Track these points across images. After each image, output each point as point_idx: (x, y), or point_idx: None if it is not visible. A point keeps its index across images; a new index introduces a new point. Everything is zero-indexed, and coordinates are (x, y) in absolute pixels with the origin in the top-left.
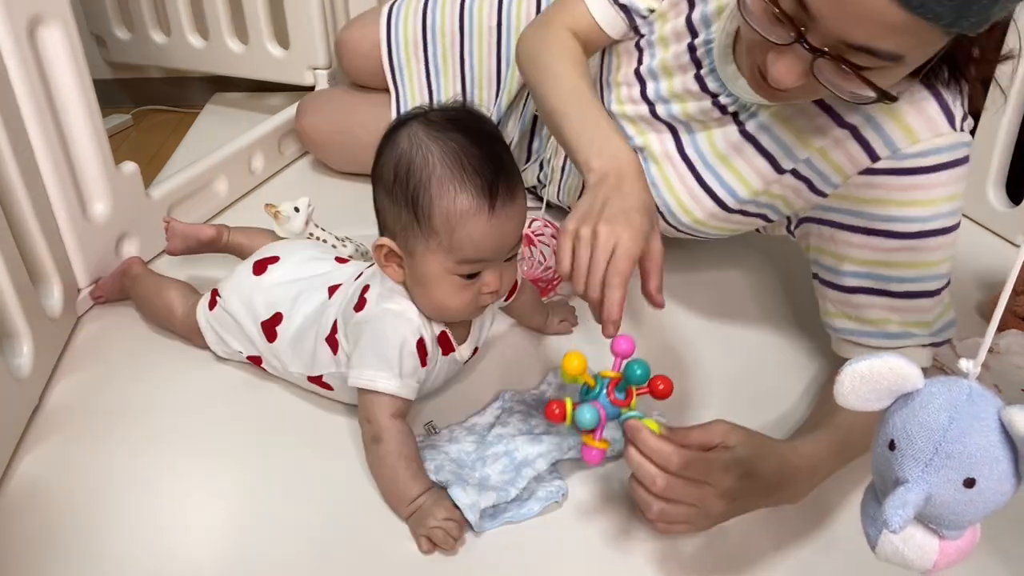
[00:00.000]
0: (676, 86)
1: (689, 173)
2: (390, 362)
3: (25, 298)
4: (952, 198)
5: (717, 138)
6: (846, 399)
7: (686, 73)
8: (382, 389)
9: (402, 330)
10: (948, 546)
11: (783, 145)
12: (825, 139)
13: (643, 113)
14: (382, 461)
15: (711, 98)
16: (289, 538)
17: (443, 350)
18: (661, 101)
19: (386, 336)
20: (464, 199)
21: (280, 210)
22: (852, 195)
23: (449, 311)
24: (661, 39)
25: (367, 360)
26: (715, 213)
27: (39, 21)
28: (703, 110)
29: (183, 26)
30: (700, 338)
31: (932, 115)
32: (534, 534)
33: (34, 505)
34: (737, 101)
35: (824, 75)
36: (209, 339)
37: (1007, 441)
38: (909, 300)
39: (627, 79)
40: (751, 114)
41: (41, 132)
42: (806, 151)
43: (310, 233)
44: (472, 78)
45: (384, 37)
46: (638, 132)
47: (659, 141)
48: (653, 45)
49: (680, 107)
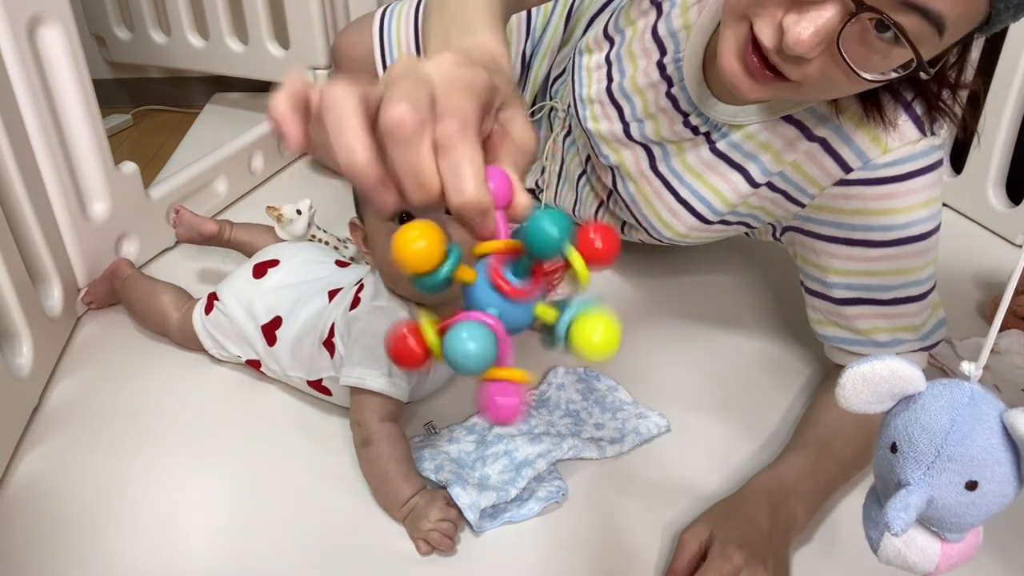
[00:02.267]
0: (650, 105)
1: (665, 189)
2: (379, 360)
3: (25, 298)
4: (928, 203)
5: (690, 156)
6: (848, 402)
7: (657, 90)
8: (371, 387)
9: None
10: (950, 549)
11: (756, 160)
12: (797, 153)
13: (617, 133)
14: (372, 464)
15: (683, 117)
16: (288, 539)
17: None
18: (634, 120)
19: (375, 333)
20: None
21: (282, 212)
22: (829, 206)
23: (403, 277)
24: (629, 53)
25: (356, 358)
26: (695, 226)
27: (39, 21)
28: (675, 131)
29: (183, 26)
30: (692, 342)
31: (900, 123)
32: (534, 534)
33: (34, 505)
34: (708, 122)
35: (850, 43)
36: (206, 344)
37: (1009, 444)
38: (896, 306)
39: (599, 96)
40: (723, 134)
41: (41, 132)
42: (779, 165)
43: (312, 235)
44: None
45: (377, 42)
46: (612, 150)
47: (633, 159)
48: (622, 59)
49: (653, 127)
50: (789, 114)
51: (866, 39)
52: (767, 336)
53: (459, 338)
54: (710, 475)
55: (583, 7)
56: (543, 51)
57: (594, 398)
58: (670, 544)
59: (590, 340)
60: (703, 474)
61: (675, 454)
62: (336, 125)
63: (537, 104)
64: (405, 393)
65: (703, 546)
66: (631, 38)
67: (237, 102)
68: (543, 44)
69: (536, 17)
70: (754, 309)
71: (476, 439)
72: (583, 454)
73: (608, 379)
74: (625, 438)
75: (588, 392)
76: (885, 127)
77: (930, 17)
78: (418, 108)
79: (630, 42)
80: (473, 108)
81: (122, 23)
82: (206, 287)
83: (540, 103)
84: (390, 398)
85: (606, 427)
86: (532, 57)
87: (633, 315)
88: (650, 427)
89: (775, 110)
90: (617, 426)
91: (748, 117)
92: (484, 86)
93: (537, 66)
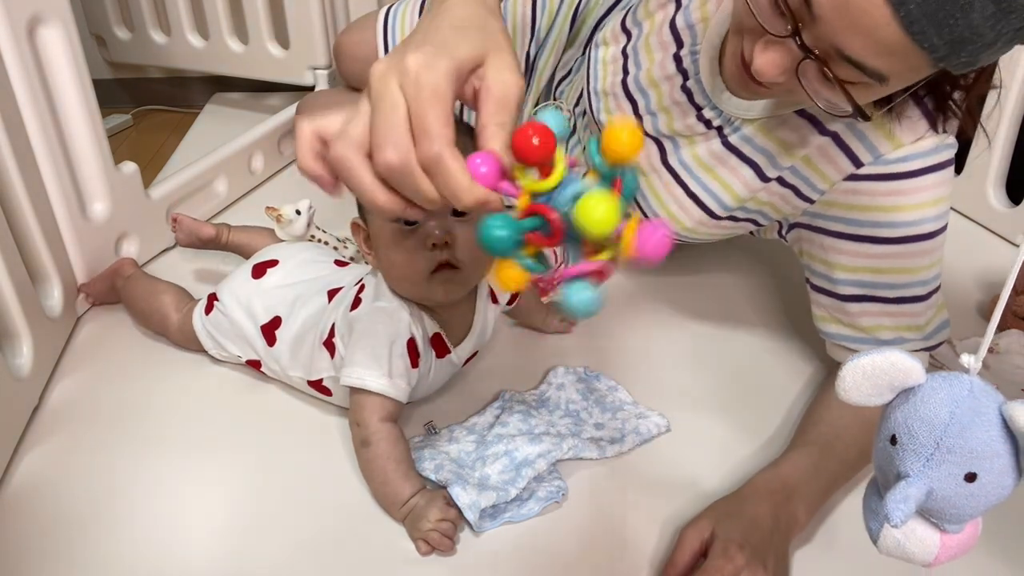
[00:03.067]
0: (664, 99)
1: (675, 182)
2: (379, 360)
3: (25, 298)
4: (937, 201)
5: (701, 150)
6: (848, 394)
7: (672, 83)
8: (371, 388)
9: (392, 328)
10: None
11: (767, 155)
12: (808, 147)
13: None
14: (371, 464)
15: (696, 111)
16: (289, 539)
17: (437, 352)
18: (648, 114)
19: (376, 333)
20: None
21: (282, 213)
22: (838, 201)
23: (408, 278)
24: (647, 46)
25: (356, 358)
26: (703, 221)
27: (39, 21)
28: (687, 124)
29: (183, 26)
30: (692, 341)
31: (914, 120)
32: (534, 534)
33: (34, 505)
34: (722, 115)
35: (807, 77)
36: (206, 345)
37: (1008, 436)
38: (900, 305)
39: (614, 90)
40: (735, 128)
41: (41, 132)
42: (790, 160)
43: (312, 235)
44: None
45: (381, 41)
46: None
47: (645, 155)
48: (638, 52)
49: (666, 120)
50: (802, 108)
51: (821, 75)
52: (768, 335)
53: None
54: (710, 475)
55: (589, 8)
56: (548, 52)
57: (594, 398)
58: (670, 543)
59: (591, 215)
60: (703, 474)
61: (675, 454)
62: (352, 180)
63: (541, 104)
64: (405, 394)
65: (704, 543)
66: (649, 31)
67: (237, 102)
68: (548, 45)
69: (541, 18)
70: (755, 307)
71: (476, 439)
72: (583, 454)
73: (608, 379)
74: (625, 438)
75: (588, 392)
76: (894, 119)
77: (867, 71)
78: (399, 147)
79: (647, 35)
80: (442, 116)
81: (122, 23)
82: (206, 287)
83: (544, 103)
84: (389, 398)
85: (606, 427)
86: (537, 58)
87: (634, 314)
88: (650, 427)
89: (787, 104)
90: (617, 426)
91: (760, 111)
92: (448, 74)
93: (542, 67)
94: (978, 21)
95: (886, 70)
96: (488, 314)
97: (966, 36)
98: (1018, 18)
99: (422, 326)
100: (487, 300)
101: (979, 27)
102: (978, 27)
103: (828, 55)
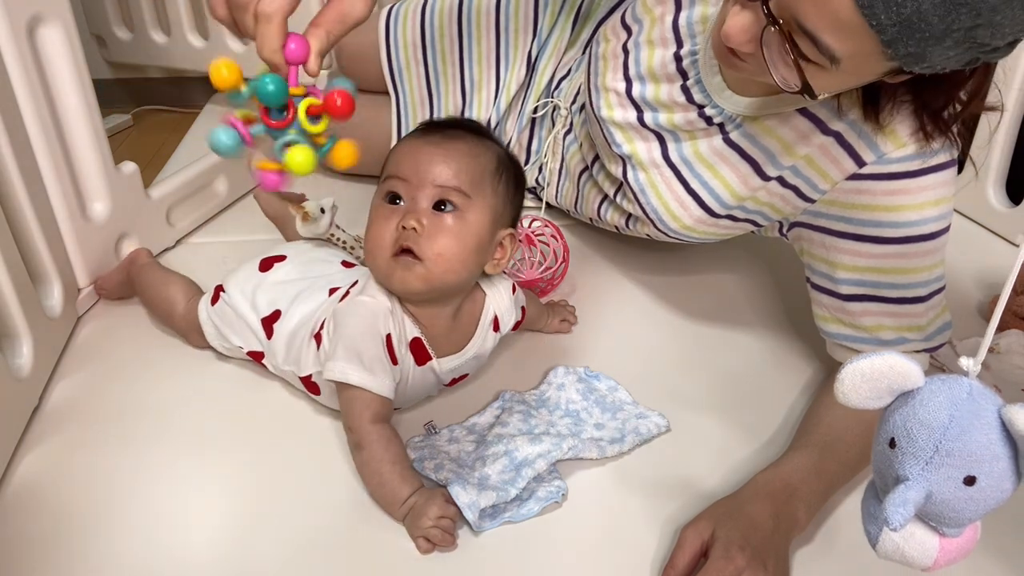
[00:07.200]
0: (663, 95)
1: (675, 178)
2: (360, 353)
3: (25, 298)
4: (939, 202)
5: (702, 146)
6: (847, 397)
7: (672, 83)
8: (355, 382)
9: (369, 320)
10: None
11: (768, 153)
12: (810, 146)
13: (631, 120)
14: (366, 468)
15: (697, 109)
16: (289, 538)
17: (417, 358)
18: (648, 107)
19: (355, 325)
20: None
21: (308, 210)
22: (840, 201)
23: (373, 252)
24: (648, 41)
25: (338, 351)
26: (702, 219)
27: (39, 21)
28: (688, 120)
29: (183, 26)
30: (693, 340)
31: (897, 127)
32: (534, 534)
33: (34, 505)
34: (723, 113)
35: (769, 48)
36: (208, 334)
37: (1007, 439)
38: (902, 305)
39: (614, 85)
40: (736, 125)
41: (41, 132)
42: (791, 159)
43: (332, 234)
44: (471, 80)
45: (383, 40)
46: (626, 140)
47: (646, 149)
48: (640, 47)
49: (666, 116)
50: (804, 107)
51: (781, 47)
52: (768, 335)
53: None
54: (710, 475)
55: (591, 9)
56: (549, 52)
57: (594, 398)
58: (670, 543)
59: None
60: (703, 474)
61: (675, 454)
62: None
63: (541, 101)
64: (389, 390)
65: (704, 544)
66: (649, 27)
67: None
68: (549, 45)
69: (543, 18)
70: (755, 307)
71: (476, 439)
72: (583, 454)
73: (608, 379)
74: (625, 438)
75: (588, 392)
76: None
77: (820, 46)
78: None
79: (648, 31)
80: None
81: (122, 23)
82: (206, 287)
83: (544, 100)
84: (377, 396)
85: (606, 427)
86: (538, 58)
87: (634, 314)
88: (650, 427)
89: (789, 103)
90: (617, 426)
91: (762, 109)
92: None
93: (543, 67)
94: (927, 7)
95: (837, 49)
96: (487, 341)
97: (913, 21)
98: (968, 14)
99: (403, 327)
100: (489, 328)
101: (927, 13)
102: (926, 13)
103: (790, 26)
